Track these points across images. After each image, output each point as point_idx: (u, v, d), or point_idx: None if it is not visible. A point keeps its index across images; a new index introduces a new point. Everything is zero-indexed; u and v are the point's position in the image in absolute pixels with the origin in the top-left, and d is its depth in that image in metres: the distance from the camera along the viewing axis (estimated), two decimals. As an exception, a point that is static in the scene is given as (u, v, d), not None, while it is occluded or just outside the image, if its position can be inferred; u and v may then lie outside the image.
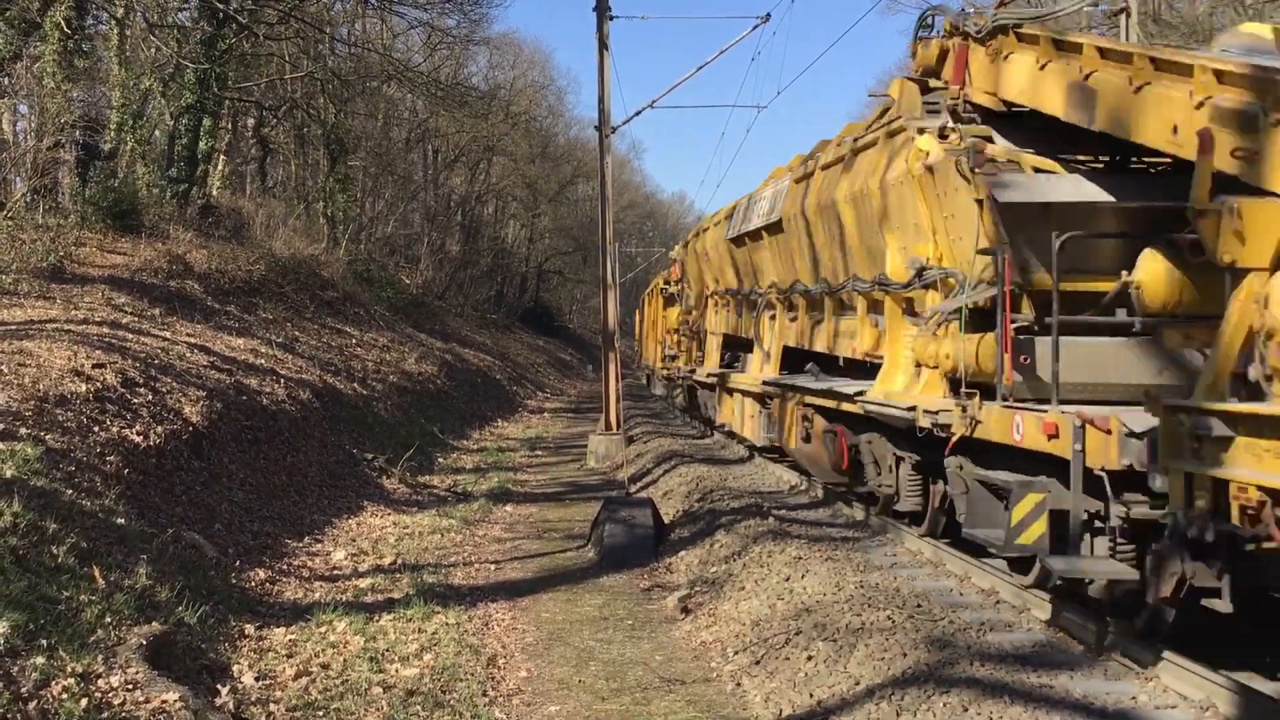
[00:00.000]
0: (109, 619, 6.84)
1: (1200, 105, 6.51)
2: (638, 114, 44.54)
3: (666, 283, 31.83)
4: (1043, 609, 8.08)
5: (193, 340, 15.78)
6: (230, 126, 33.32)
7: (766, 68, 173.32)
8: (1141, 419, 6.54)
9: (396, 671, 7.67)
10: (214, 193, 29.05)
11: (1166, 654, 6.54)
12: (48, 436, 9.51)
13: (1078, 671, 6.62)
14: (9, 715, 5.37)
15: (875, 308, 11.75)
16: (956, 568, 9.69)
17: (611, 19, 22.07)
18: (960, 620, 7.84)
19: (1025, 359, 8.27)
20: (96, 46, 24.31)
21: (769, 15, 22.75)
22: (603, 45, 22.03)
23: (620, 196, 58.98)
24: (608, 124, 22.23)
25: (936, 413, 8.93)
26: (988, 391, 8.41)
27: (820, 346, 13.72)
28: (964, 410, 8.48)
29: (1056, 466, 7.36)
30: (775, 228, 15.11)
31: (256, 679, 7.24)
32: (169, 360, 13.73)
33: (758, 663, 7.80)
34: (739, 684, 7.59)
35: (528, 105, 65.24)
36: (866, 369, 11.90)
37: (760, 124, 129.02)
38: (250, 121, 36.11)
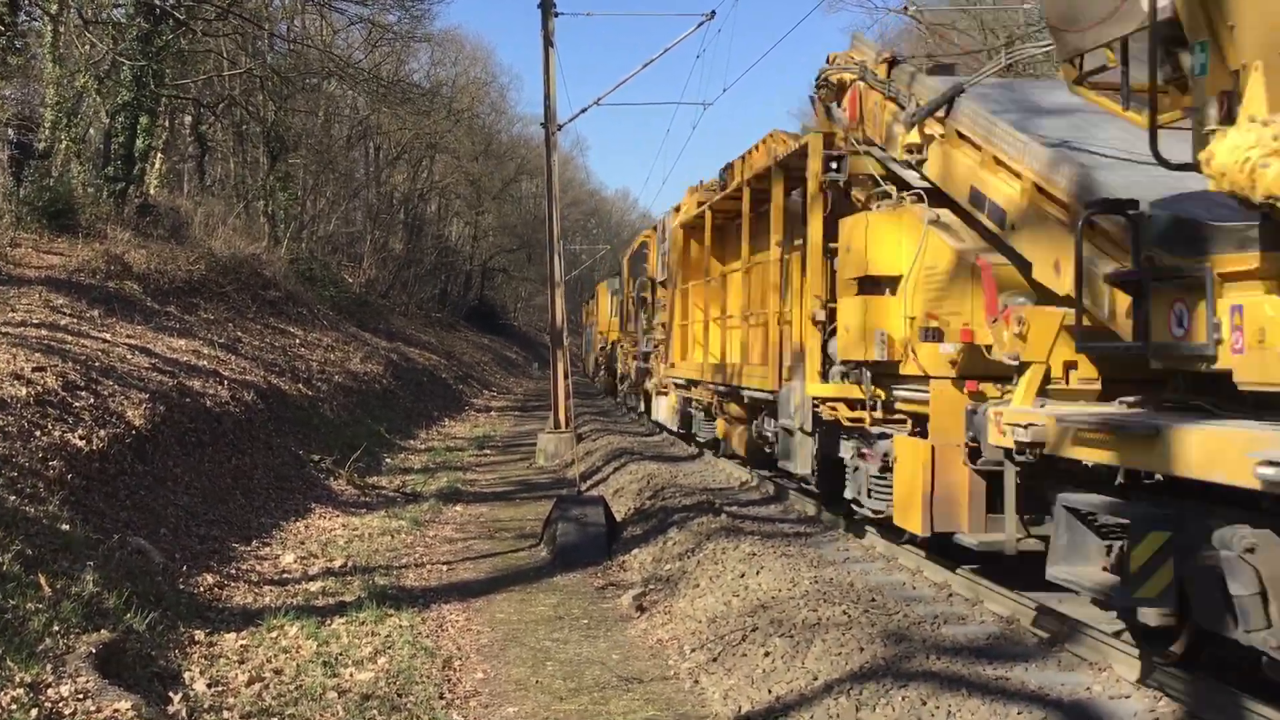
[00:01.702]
0: (57, 627, 6.70)
1: None
2: (583, 111, 43.99)
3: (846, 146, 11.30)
4: (996, 601, 8.18)
5: (133, 342, 15.50)
6: (168, 124, 32.78)
7: (712, 65, 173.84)
8: None
9: (351, 676, 7.59)
10: (151, 191, 28.56)
11: (1119, 645, 6.64)
12: (-13, 442, 9.30)
13: (1032, 663, 6.70)
14: (-45, 729, 5.25)
15: None
16: (909, 561, 9.78)
17: (556, 16, 22.00)
18: (915, 614, 7.91)
19: None
20: (30, 43, 23.80)
21: (714, 13, 22.70)
22: (548, 42, 21.95)
23: (564, 194, 58.90)
24: (554, 121, 22.16)
25: None
26: None
27: None
28: None
29: None
30: None
31: (209, 686, 7.13)
32: (110, 362, 13.48)
33: (715, 660, 7.82)
34: (697, 681, 7.59)
35: (470, 102, 64.95)
36: None
37: (705, 121, 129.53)
38: (188, 119, 35.56)
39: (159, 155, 31.22)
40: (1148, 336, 6.36)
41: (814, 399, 10.95)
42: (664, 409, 22.08)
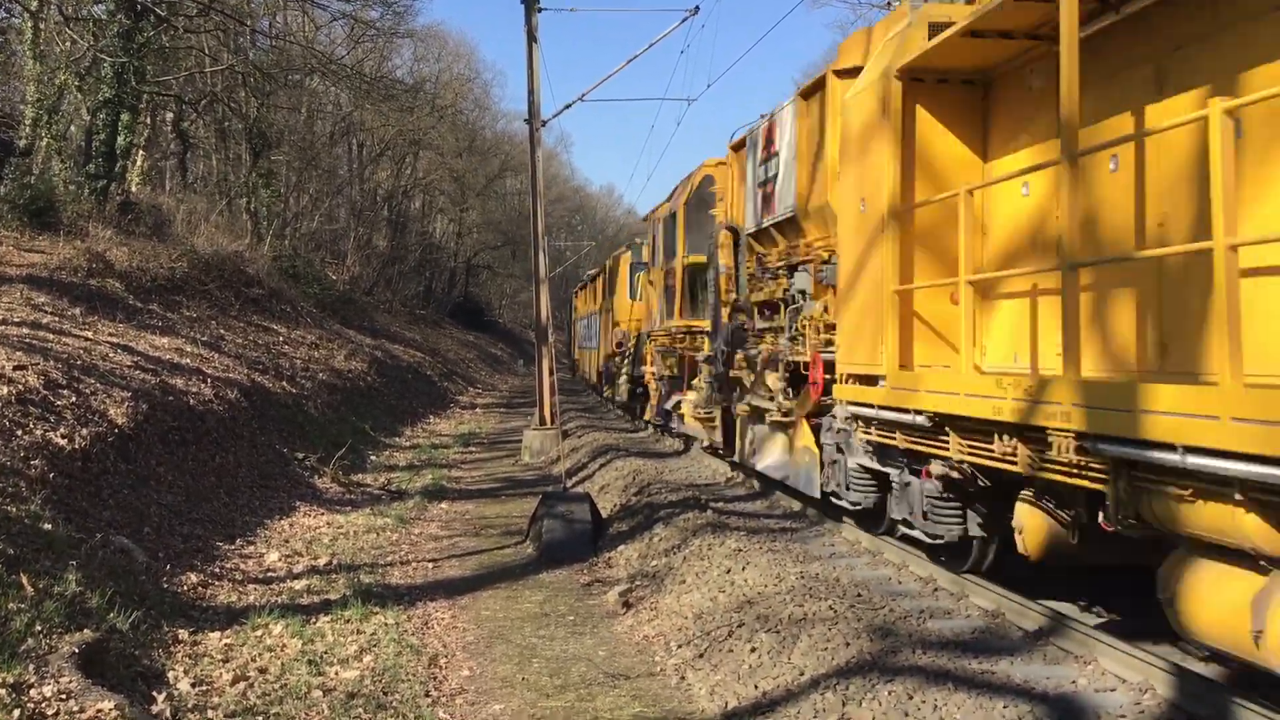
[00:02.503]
0: (39, 627, 6.65)
1: None
2: (568, 107, 44.36)
3: None
4: (981, 595, 8.19)
5: (115, 340, 15.42)
6: (149, 121, 32.59)
7: (696, 61, 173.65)
8: None
9: (336, 674, 7.56)
10: (133, 189, 28.41)
11: (1105, 638, 6.66)
12: (-32, 441, 9.24)
13: (1017, 657, 6.72)
14: (-63, 730, 5.20)
15: None
16: (894, 556, 9.79)
17: (540, 11, 21.94)
18: (900, 608, 7.92)
19: None
20: (10, 40, 23.65)
21: (697, 8, 22.76)
22: (531, 38, 21.89)
23: (548, 190, 58.75)
24: (538, 117, 22.10)
25: None
26: None
27: None
28: None
29: None
30: None
31: (193, 685, 7.09)
32: (92, 361, 13.41)
33: (701, 656, 7.81)
34: (683, 677, 7.58)
35: (454, 98, 64.76)
36: None
37: (690, 117, 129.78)
38: (170, 116, 35.35)
39: (141, 152, 31.06)
40: None
41: None
42: (804, 455, 11.52)
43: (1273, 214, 5.76)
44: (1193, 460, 5.29)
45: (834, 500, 10.90)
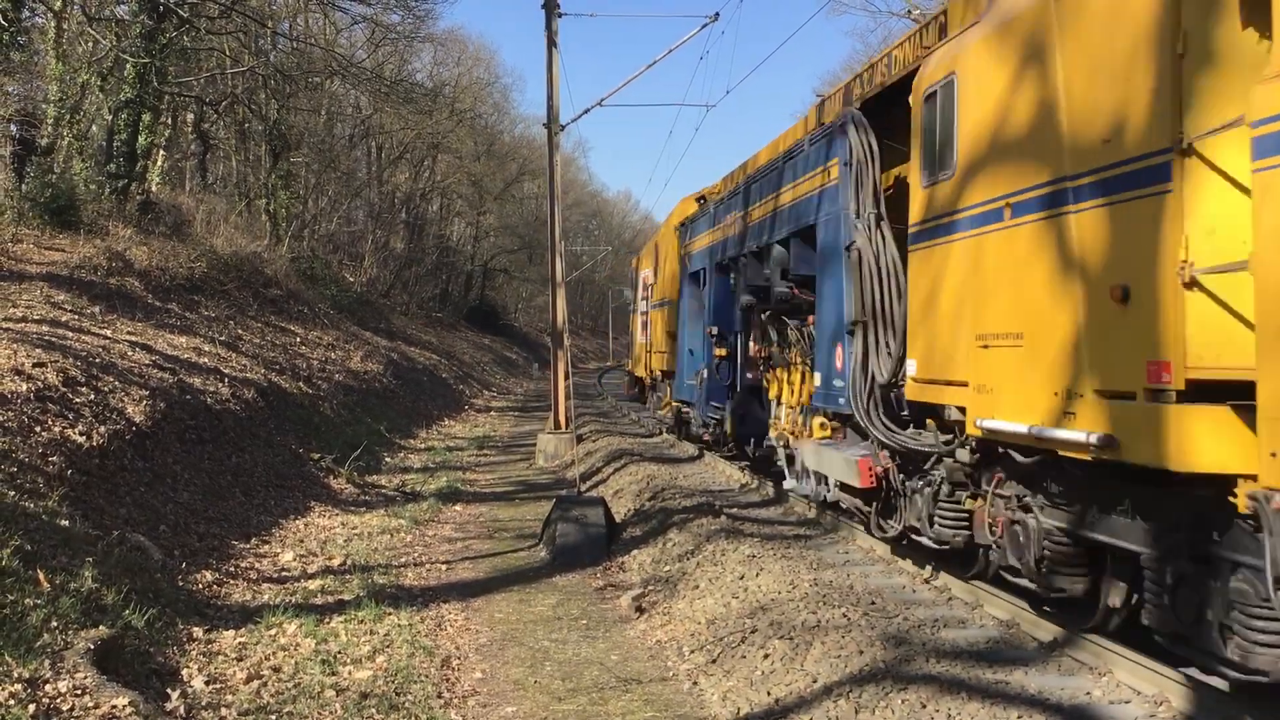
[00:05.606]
0: (55, 623, 6.69)
1: None
2: (586, 112, 44.59)
3: None
4: (995, 605, 8.16)
5: (134, 338, 15.49)
6: (170, 122, 32.78)
7: (715, 67, 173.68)
8: None
9: (349, 674, 7.58)
10: (153, 189, 28.52)
11: (1120, 649, 6.63)
12: (-13, 437, 9.29)
13: (1032, 667, 6.69)
14: (-47, 724, 5.23)
15: None
16: (908, 565, 9.77)
17: (560, 16, 21.99)
18: (915, 617, 7.90)
19: None
20: (33, 40, 23.79)
21: (717, 15, 22.78)
22: (551, 43, 21.94)
23: (565, 195, 58.73)
24: (556, 121, 22.14)
25: None
26: None
27: None
28: None
29: None
30: None
31: (207, 683, 7.12)
32: (110, 359, 13.47)
33: (714, 661, 7.81)
34: (696, 683, 7.58)
35: (473, 102, 64.88)
36: None
37: (708, 123, 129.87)
38: (190, 117, 35.53)
39: (161, 152, 31.20)
40: None
41: None
42: None
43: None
44: None
45: None
